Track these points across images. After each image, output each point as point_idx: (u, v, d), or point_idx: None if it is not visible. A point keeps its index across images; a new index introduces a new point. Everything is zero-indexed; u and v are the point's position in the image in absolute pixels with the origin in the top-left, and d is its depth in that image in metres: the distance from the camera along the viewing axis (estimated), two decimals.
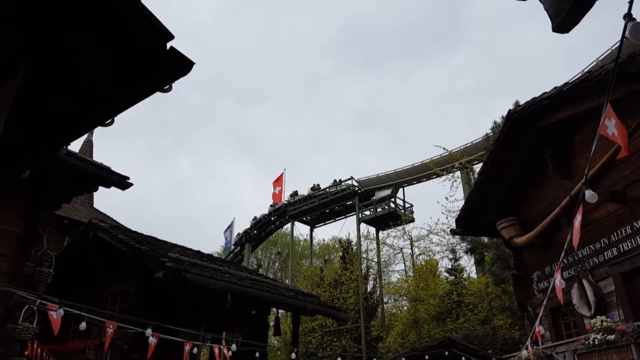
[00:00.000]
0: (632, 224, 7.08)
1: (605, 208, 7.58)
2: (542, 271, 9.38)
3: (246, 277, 9.61)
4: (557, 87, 7.49)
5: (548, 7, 1.88)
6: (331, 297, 25.74)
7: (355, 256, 27.89)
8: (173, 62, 3.47)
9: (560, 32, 1.93)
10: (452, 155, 24.50)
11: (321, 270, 30.61)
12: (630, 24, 2.06)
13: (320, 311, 10.77)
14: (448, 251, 24.26)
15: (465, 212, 11.13)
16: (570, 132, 8.45)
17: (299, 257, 42.23)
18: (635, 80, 6.18)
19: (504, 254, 15.82)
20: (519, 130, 9.05)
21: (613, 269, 7.40)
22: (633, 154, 7.05)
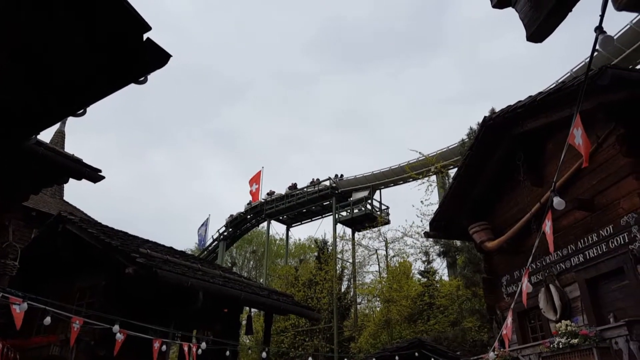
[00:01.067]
0: (599, 232, 7.30)
1: (573, 215, 7.80)
2: (511, 275, 9.59)
3: (219, 275, 9.52)
4: (532, 96, 7.67)
5: (523, 17, 1.92)
6: (305, 297, 25.75)
7: (330, 256, 27.97)
8: (149, 54, 3.41)
9: (533, 41, 1.98)
10: (428, 159, 24.86)
11: (296, 269, 30.59)
12: (601, 37, 2.12)
13: (293, 311, 10.76)
14: (421, 253, 24.61)
15: (439, 216, 11.29)
16: (543, 140, 8.65)
17: (274, 256, 42.09)
18: (606, 93, 6.38)
19: (475, 257, 16.11)
20: (493, 136, 9.22)
21: (579, 275, 7.62)
22: (601, 163, 7.28)
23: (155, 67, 3.55)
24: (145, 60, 3.51)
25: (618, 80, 5.96)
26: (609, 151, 7.11)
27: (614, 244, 6.97)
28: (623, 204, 6.85)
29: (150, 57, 3.45)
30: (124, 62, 3.64)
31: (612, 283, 7.11)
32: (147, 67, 3.57)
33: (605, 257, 7.11)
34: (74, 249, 9.39)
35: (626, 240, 6.71)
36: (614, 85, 6.06)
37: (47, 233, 9.85)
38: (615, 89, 6.21)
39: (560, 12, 1.80)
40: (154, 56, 3.43)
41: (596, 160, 7.33)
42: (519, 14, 1.95)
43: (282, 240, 40.02)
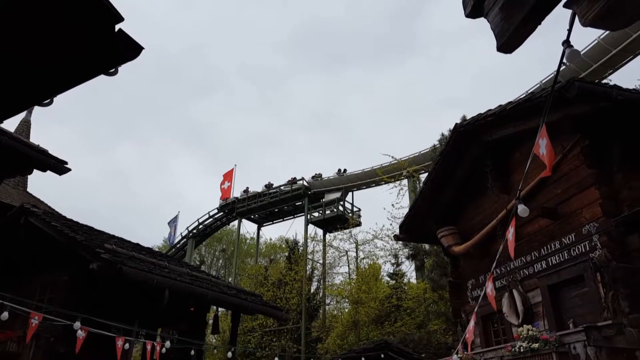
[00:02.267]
0: (561, 240, 7.54)
1: (537, 223, 8.03)
2: (476, 279, 9.80)
3: (186, 273, 9.37)
4: (502, 106, 7.86)
5: (494, 27, 1.97)
6: (274, 296, 25.64)
7: (301, 257, 27.96)
8: (121, 46, 3.32)
9: (504, 51, 2.02)
10: (400, 163, 25.15)
11: (266, 269, 30.46)
12: (568, 51, 2.19)
13: (261, 310, 10.69)
14: (391, 256, 24.89)
15: (409, 219, 11.44)
16: (511, 148, 8.88)
17: (244, 255, 41.75)
18: (572, 105, 6.60)
19: (443, 261, 16.38)
20: (464, 143, 9.41)
21: (541, 281, 7.85)
22: (566, 173, 7.53)
23: (127, 59, 3.47)
24: (117, 52, 3.43)
25: (584, 93, 6.18)
26: (573, 162, 7.36)
27: (576, 251, 7.22)
28: (585, 214, 7.09)
29: (121, 48, 3.37)
30: (94, 53, 3.54)
31: (572, 290, 7.35)
32: (118, 59, 3.48)
33: (566, 265, 7.35)
34: (36, 242, 9.06)
35: (587, 248, 6.95)
36: (580, 98, 6.27)
37: (9, 225, 9.47)
38: (581, 102, 6.43)
39: (529, 25, 1.85)
40: (126, 48, 3.35)
41: (561, 170, 7.57)
42: (491, 24, 1.99)
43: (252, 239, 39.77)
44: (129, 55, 3.49)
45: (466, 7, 2.20)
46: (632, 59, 18.05)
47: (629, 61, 18.21)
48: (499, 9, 1.91)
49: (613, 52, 17.54)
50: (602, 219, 6.64)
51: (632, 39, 16.65)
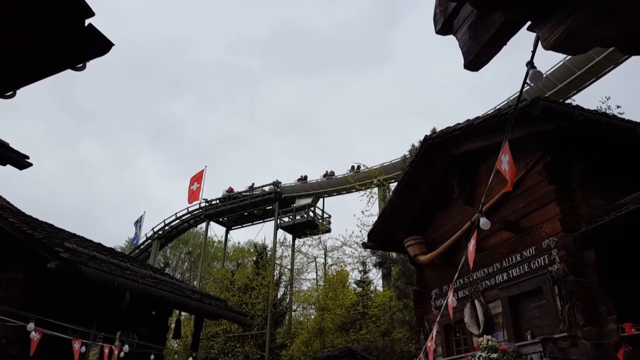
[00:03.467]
0: (522, 253, 7.77)
1: (500, 236, 8.25)
2: (440, 289, 9.97)
3: (149, 275, 9.15)
4: (470, 120, 8.07)
5: (462, 45, 2.03)
6: (240, 302, 25.35)
7: (269, 262, 27.77)
8: (90, 41, 3.25)
9: (470, 69, 2.09)
10: (371, 172, 25.42)
11: (232, 273, 30.07)
12: (531, 71, 2.27)
13: (225, 316, 10.55)
14: (359, 263, 25.04)
15: (377, 227, 11.56)
16: (478, 162, 9.11)
17: (210, 258, 41.15)
18: (537, 123, 6.84)
19: (409, 270, 16.60)
20: (432, 155, 9.60)
21: (502, 292, 8.06)
22: (528, 188, 7.77)
23: (96, 54, 3.39)
24: (86, 47, 3.34)
25: (548, 112, 6.42)
26: (536, 177, 7.60)
27: (535, 264, 7.44)
28: (545, 228, 7.34)
29: (91, 44, 3.29)
30: (62, 46, 3.44)
31: (531, 302, 7.57)
32: (86, 54, 3.40)
33: (526, 277, 7.57)
34: None
35: (546, 262, 7.19)
36: (544, 116, 6.51)
37: None
38: (545, 120, 6.67)
39: (495, 45, 1.92)
40: (95, 43, 3.27)
41: (524, 185, 7.82)
42: (459, 42, 2.05)
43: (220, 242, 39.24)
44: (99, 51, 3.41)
45: (437, 24, 2.25)
46: (595, 81, 18.89)
47: (592, 83, 19.04)
48: (467, 28, 1.97)
49: (577, 74, 18.30)
50: (561, 234, 6.88)
51: (595, 62, 17.42)
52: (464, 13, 1.97)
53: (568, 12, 1.50)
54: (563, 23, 1.52)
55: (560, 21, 1.53)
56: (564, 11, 1.51)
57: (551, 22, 1.55)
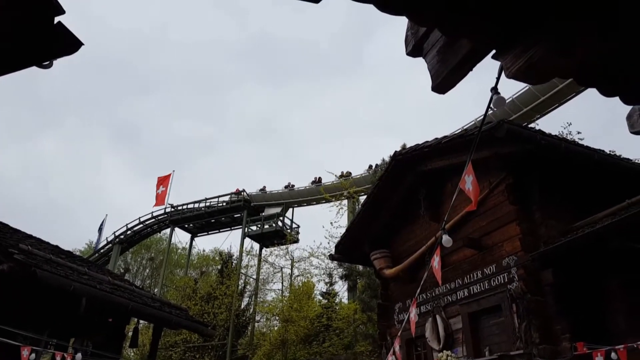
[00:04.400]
0: (483, 270, 7.95)
1: (463, 252, 8.43)
2: (403, 303, 10.07)
3: (108, 281, 8.87)
4: (438, 139, 8.27)
5: (431, 68, 2.09)
6: (201, 311, 24.81)
7: (234, 271, 27.35)
8: (59, 39, 3.16)
9: (438, 92, 2.15)
10: (342, 184, 25.58)
11: (195, 282, 29.44)
12: (495, 97, 2.36)
13: (185, 325, 10.30)
14: (325, 275, 25.01)
15: (345, 240, 11.62)
16: (444, 179, 9.31)
17: (173, 265, 40.15)
18: (501, 144, 7.08)
19: (374, 283, 16.71)
20: (401, 170, 9.77)
21: (462, 309, 8.21)
22: (491, 207, 7.99)
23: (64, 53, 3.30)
24: (53, 45, 3.25)
25: (512, 134, 6.65)
26: (498, 197, 7.83)
27: (495, 282, 7.63)
28: (506, 247, 7.55)
29: (59, 42, 3.20)
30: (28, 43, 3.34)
31: (491, 318, 7.75)
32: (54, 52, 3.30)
33: (486, 294, 7.75)
34: None
35: (506, 280, 7.38)
36: (508, 139, 6.74)
37: None
38: (509, 142, 6.91)
39: (462, 69, 1.99)
40: (64, 42, 3.18)
41: (488, 204, 8.04)
42: (428, 65, 2.11)
43: (184, 249, 38.39)
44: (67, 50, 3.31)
45: (408, 46, 2.32)
46: (558, 106, 19.72)
47: (555, 108, 19.86)
48: (436, 52, 2.03)
49: (541, 99, 19.06)
50: (521, 253, 7.09)
51: (558, 89, 18.20)
52: (434, 38, 2.04)
53: (530, 44, 1.57)
54: (525, 54, 1.59)
55: (522, 52, 1.60)
56: (525, 43, 1.59)
57: (514, 53, 1.62)
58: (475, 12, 1.48)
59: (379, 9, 1.53)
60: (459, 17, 1.50)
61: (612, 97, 2.01)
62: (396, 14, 1.51)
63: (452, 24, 1.53)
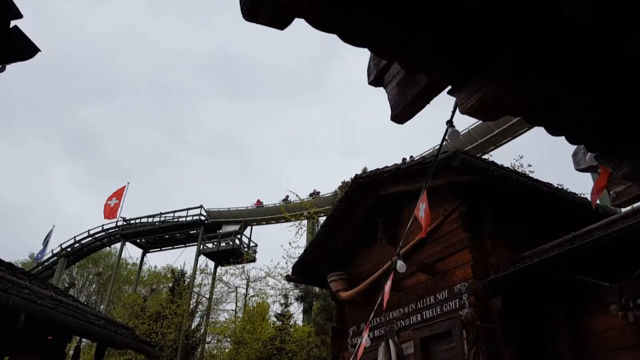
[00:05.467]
0: (436, 295, 8.09)
1: (417, 277, 8.55)
2: (357, 327, 10.06)
3: (50, 296, 8.40)
4: (397, 165, 8.47)
5: (390, 99, 2.16)
6: (149, 330, 23.83)
7: (186, 289, 26.54)
8: (14, 44, 3.05)
9: (396, 122, 2.22)
10: (303, 204, 25.59)
11: (145, 300, 28.33)
12: (450, 130, 2.46)
13: (131, 345, 9.85)
14: (281, 296, 24.69)
15: (302, 260, 11.56)
16: (402, 204, 9.49)
17: (122, 282, 38.55)
18: (456, 173, 7.32)
19: (330, 305, 16.65)
20: (361, 193, 9.90)
21: (415, 333, 8.29)
22: (445, 233, 8.19)
23: (19, 58, 3.18)
24: (9, 49, 3.14)
25: (466, 164, 6.91)
26: (452, 224, 8.05)
27: (447, 308, 7.77)
28: (458, 273, 7.73)
29: (15, 46, 3.09)
30: None
31: (442, 344, 7.84)
32: (8, 56, 3.18)
33: (438, 320, 7.86)
34: None
35: (457, 306, 7.53)
36: (463, 168, 6.99)
37: None
38: (463, 172, 7.16)
39: (420, 102, 2.07)
40: (20, 47, 3.08)
41: (442, 230, 8.24)
42: (388, 95, 2.18)
43: (135, 265, 37.02)
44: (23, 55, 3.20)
45: (370, 76, 2.39)
46: (511, 140, 20.70)
47: (508, 141, 20.84)
48: (396, 84, 2.11)
49: (495, 132, 19.97)
50: (472, 280, 7.28)
51: (511, 123, 19.13)
52: (394, 70, 2.11)
53: (482, 83, 1.66)
54: (478, 92, 1.68)
55: (475, 90, 1.69)
56: (479, 82, 1.67)
57: (468, 90, 1.71)
58: (432, 50, 1.56)
59: (342, 39, 1.58)
60: (417, 53, 1.57)
61: (558, 136, 2.14)
62: (358, 45, 1.56)
63: (411, 59, 1.60)
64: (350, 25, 1.47)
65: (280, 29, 1.49)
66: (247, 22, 1.45)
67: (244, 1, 1.37)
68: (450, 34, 1.49)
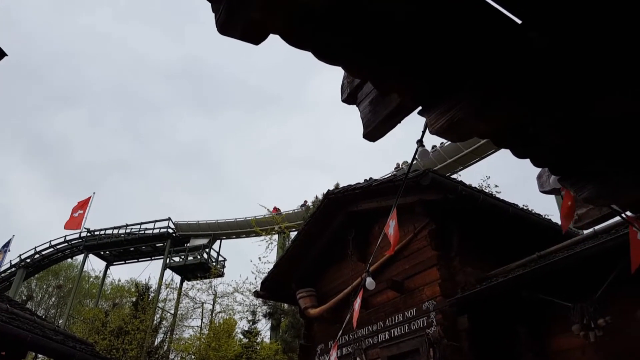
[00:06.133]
0: (404, 313, 8.12)
1: (386, 294, 8.58)
2: (325, 344, 9.97)
3: (5, 309, 8.00)
4: (369, 181, 8.54)
5: (363, 117, 2.19)
6: (110, 346, 22.93)
7: (150, 304, 25.76)
8: None
9: (368, 140, 2.24)
10: (275, 218, 25.42)
11: (106, 314, 27.33)
12: (420, 149, 2.50)
13: None
14: (249, 312, 24.26)
15: (272, 276, 11.42)
16: (373, 221, 9.55)
17: (83, 295, 37.17)
18: (426, 192, 7.43)
19: (298, 322, 16.49)
20: (333, 209, 9.91)
21: (383, 352, 8.27)
22: (415, 251, 8.27)
23: None
24: None
25: (436, 183, 7.03)
26: (422, 242, 8.14)
27: (415, 326, 7.80)
28: (426, 291, 7.79)
29: None
30: None
31: None
32: None
33: (406, 338, 7.87)
34: None
35: (425, 324, 7.57)
36: (432, 187, 7.11)
37: None
38: (433, 190, 7.28)
39: (391, 121, 2.10)
40: None
41: (411, 247, 8.32)
42: (361, 113, 2.21)
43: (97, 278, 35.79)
44: None
45: (343, 93, 2.41)
46: (479, 160, 21.26)
47: (477, 162, 21.40)
48: (369, 103, 2.14)
49: (464, 152, 20.48)
50: (440, 298, 7.34)
51: (480, 143, 19.66)
52: (367, 89, 2.14)
53: (451, 105, 1.70)
54: (447, 114, 1.72)
55: (444, 111, 1.73)
56: (448, 103, 1.71)
57: (437, 111, 1.75)
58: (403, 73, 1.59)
59: (316, 57, 1.59)
60: (389, 76, 1.59)
61: (523, 158, 2.20)
62: (332, 64, 1.57)
63: (383, 80, 1.62)
64: (324, 45, 1.48)
65: (254, 44, 1.49)
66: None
67: (219, 15, 1.37)
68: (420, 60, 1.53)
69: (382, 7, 1.33)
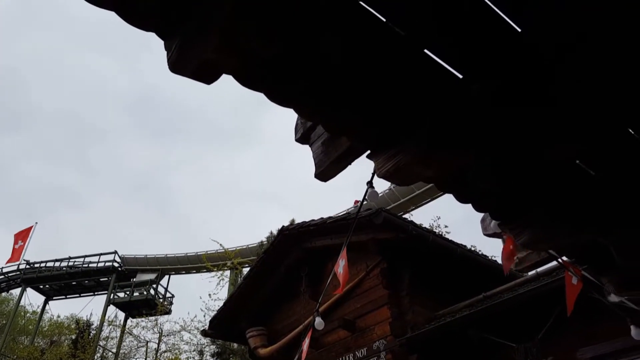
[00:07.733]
0: (355, 352, 8.04)
1: (337, 334, 8.48)
2: None
3: None
4: (323, 219, 8.59)
5: (315, 157, 2.24)
6: None
7: (90, 342, 24.18)
8: None
9: (320, 180, 2.29)
10: (227, 253, 24.83)
11: (42, 352, 25.39)
12: (369, 190, 2.58)
13: None
14: (196, 352, 23.18)
15: (222, 314, 11.05)
16: (326, 258, 9.52)
17: (18, 332, 34.41)
18: (379, 230, 7.55)
19: None
20: (287, 245, 9.83)
21: None
22: (366, 290, 8.29)
23: None
24: None
25: (388, 222, 7.18)
26: (373, 280, 8.19)
27: None
28: (377, 330, 7.78)
29: None
30: None
31: None
32: None
33: None
34: None
35: None
36: (384, 226, 7.24)
37: None
38: (385, 229, 7.41)
39: (342, 163, 2.16)
40: None
41: (364, 286, 8.34)
42: (313, 154, 2.26)
43: (35, 313, 33.36)
44: None
45: (297, 133, 2.47)
46: (430, 201, 21.93)
47: (428, 202, 22.04)
48: (321, 144, 2.20)
49: (416, 193, 21.10)
50: (390, 338, 7.35)
51: (430, 186, 20.31)
52: (319, 130, 2.21)
53: (397, 150, 1.79)
54: (393, 158, 1.80)
55: (391, 156, 1.81)
56: (394, 149, 1.80)
57: (384, 156, 1.82)
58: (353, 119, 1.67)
59: (269, 99, 1.64)
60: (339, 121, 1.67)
61: (465, 203, 2.32)
62: (284, 106, 1.63)
63: (333, 125, 1.69)
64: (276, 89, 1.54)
65: (207, 84, 1.53)
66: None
67: (171, 53, 1.40)
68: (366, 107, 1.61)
69: (319, 50, 1.40)
